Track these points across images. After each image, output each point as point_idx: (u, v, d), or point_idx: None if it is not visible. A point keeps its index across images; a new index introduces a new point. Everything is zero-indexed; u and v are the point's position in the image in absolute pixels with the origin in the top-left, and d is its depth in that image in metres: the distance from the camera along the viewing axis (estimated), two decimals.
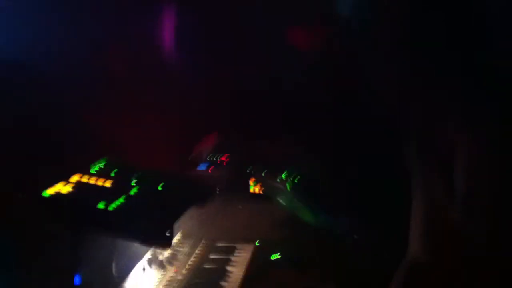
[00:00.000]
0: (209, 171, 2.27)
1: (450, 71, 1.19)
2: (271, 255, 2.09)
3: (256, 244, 2.06)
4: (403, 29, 1.21)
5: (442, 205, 1.17)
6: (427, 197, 1.23)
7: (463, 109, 1.15)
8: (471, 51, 1.19)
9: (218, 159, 2.34)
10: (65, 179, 1.49)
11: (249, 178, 2.33)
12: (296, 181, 2.29)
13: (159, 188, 1.65)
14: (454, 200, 1.12)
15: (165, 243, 1.49)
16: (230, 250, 1.94)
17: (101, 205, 1.41)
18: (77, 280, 1.37)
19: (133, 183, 1.60)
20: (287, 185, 2.29)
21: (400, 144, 1.42)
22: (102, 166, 1.65)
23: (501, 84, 1.17)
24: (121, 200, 1.46)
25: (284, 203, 2.22)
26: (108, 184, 1.54)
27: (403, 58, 1.23)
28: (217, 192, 2.19)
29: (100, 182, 1.53)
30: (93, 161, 1.65)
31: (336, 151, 2.21)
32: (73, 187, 1.46)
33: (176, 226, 1.68)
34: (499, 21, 1.21)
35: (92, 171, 1.60)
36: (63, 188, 1.44)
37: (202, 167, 2.28)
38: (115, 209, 1.42)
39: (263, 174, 2.38)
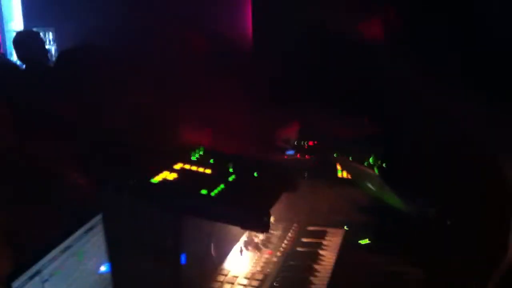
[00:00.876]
0: (297, 156, 2.32)
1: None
2: (360, 239, 2.11)
3: (345, 228, 2.08)
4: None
5: None
6: None
7: None
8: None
9: (304, 145, 2.37)
10: (170, 167, 1.59)
11: (336, 163, 2.35)
12: (383, 165, 2.27)
13: (254, 174, 1.72)
14: None
15: (263, 227, 1.56)
16: (321, 234, 1.98)
17: (203, 191, 1.50)
18: (183, 259, 1.48)
19: (230, 170, 1.67)
20: (375, 169, 2.28)
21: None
22: (201, 155, 1.74)
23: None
24: (221, 186, 1.55)
25: (372, 188, 2.22)
26: (208, 171, 1.63)
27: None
28: (305, 177, 2.24)
29: (201, 170, 1.62)
30: (192, 151, 1.75)
31: (424, 135, 2.15)
32: (177, 174, 1.56)
33: (270, 210, 1.74)
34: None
35: (193, 159, 1.69)
36: (169, 175, 1.54)
37: (290, 152, 2.33)
38: (216, 195, 1.51)
39: (350, 159, 2.39)
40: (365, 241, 2.11)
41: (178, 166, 1.62)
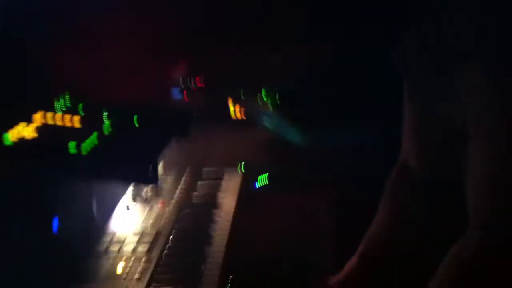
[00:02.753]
0: (185, 98, 2.12)
1: None
2: (259, 178, 2.03)
3: (242, 168, 1.97)
4: None
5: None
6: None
7: None
8: None
9: (192, 84, 2.18)
10: (27, 119, 1.33)
11: (227, 101, 2.21)
12: (277, 100, 2.18)
13: (134, 120, 1.52)
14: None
15: (150, 179, 1.39)
16: (218, 175, 1.85)
17: (72, 148, 1.27)
18: (55, 227, 1.27)
19: (104, 120, 1.45)
20: (269, 105, 2.18)
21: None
22: (67, 102, 1.49)
23: None
24: (93, 138, 1.33)
25: (267, 125, 2.12)
26: (76, 121, 1.40)
27: None
28: (196, 120, 2.06)
29: (67, 121, 1.38)
30: (55, 97, 1.48)
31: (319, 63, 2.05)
32: (37, 130, 1.31)
33: (158, 158, 1.57)
34: None
35: (57, 109, 1.44)
36: (25, 130, 1.29)
37: (176, 95, 2.12)
38: (89, 152, 1.29)
39: (242, 96, 2.26)
40: (264, 177, 2.03)
41: (37, 118, 1.36)
